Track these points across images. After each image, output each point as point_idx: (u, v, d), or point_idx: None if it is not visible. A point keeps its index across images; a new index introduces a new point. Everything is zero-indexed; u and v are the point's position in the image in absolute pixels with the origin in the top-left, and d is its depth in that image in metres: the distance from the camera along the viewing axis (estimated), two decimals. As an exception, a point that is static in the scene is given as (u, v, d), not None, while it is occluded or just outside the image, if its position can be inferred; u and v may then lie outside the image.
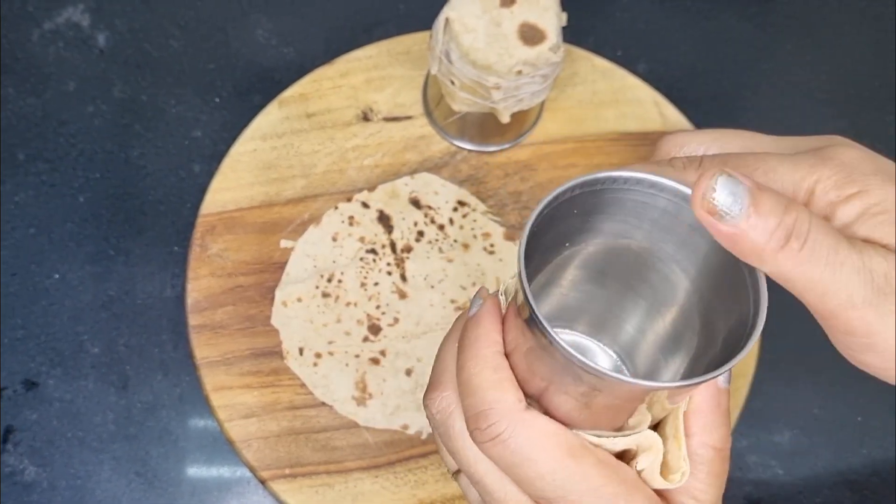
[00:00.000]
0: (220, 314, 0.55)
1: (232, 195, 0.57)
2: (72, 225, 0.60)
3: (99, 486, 0.55)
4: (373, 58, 0.60)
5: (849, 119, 0.66)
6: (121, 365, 0.57)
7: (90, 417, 0.56)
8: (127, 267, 0.59)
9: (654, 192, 0.31)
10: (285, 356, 0.54)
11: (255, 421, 0.53)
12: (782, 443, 0.59)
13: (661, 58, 0.67)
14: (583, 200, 0.31)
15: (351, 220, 0.57)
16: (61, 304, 0.58)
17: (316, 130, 0.59)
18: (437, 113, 0.58)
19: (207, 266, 0.55)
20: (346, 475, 0.52)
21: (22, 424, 0.56)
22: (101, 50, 0.64)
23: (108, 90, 0.63)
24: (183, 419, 0.57)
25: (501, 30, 0.51)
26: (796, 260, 0.28)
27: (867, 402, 0.60)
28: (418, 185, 0.58)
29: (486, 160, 0.59)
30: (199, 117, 0.63)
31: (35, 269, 0.59)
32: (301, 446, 0.52)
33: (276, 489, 0.52)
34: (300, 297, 0.55)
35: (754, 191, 0.27)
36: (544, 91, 0.53)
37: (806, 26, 0.69)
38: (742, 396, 0.55)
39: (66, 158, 0.61)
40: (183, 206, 0.60)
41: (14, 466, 0.55)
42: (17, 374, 0.57)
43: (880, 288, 0.28)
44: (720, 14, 0.69)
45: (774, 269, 0.28)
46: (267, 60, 0.65)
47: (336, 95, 0.59)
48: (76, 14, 0.65)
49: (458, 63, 0.51)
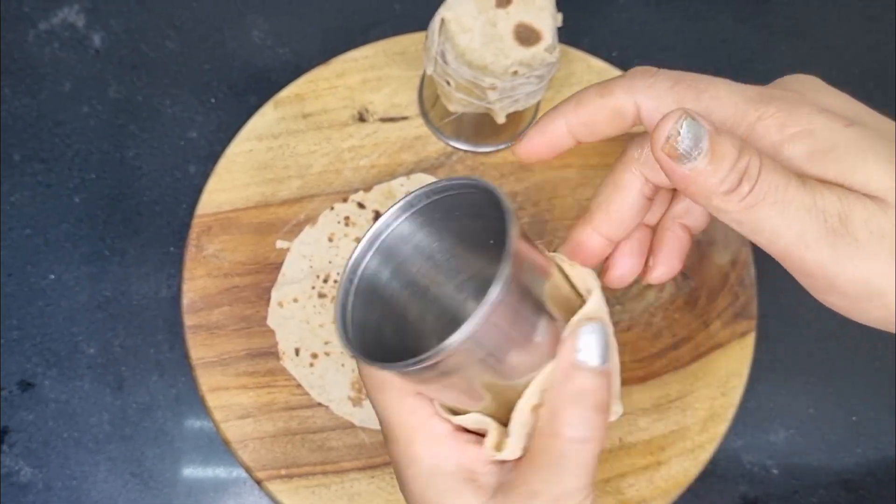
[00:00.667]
0: (215, 315, 0.55)
1: (228, 196, 0.57)
2: (67, 225, 0.60)
3: (95, 486, 0.55)
4: (369, 58, 0.60)
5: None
6: (116, 366, 0.57)
7: (86, 418, 0.56)
8: (122, 267, 0.59)
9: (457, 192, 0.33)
10: (281, 357, 0.54)
11: (251, 421, 0.53)
12: (778, 442, 0.59)
13: (657, 59, 0.66)
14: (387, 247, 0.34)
15: (347, 220, 0.57)
16: (57, 305, 0.58)
17: (312, 131, 0.59)
18: (433, 113, 0.58)
19: (203, 266, 0.55)
20: (342, 476, 0.52)
21: (18, 425, 0.56)
22: (97, 50, 0.64)
23: (103, 91, 0.63)
24: (179, 420, 0.57)
25: (497, 30, 0.51)
26: (746, 202, 0.28)
27: (862, 401, 0.60)
28: (414, 186, 0.58)
29: (482, 161, 0.59)
30: (194, 118, 0.63)
31: (31, 270, 0.59)
32: (297, 447, 0.52)
33: (272, 490, 0.52)
34: (296, 298, 0.55)
35: (713, 134, 0.28)
36: (540, 92, 0.54)
37: (802, 27, 0.70)
38: (737, 396, 0.55)
39: (62, 159, 0.61)
40: (178, 207, 0.60)
41: (10, 467, 0.55)
42: (12, 374, 0.57)
43: (834, 228, 0.28)
44: (716, 15, 0.69)
45: (724, 211, 0.29)
46: (263, 61, 0.65)
47: (332, 96, 0.59)
48: (72, 14, 0.65)
49: (454, 63, 0.51)
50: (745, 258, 0.57)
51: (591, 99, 0.32)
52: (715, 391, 0.55)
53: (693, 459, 0.54)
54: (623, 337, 0.56)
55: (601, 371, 0.31)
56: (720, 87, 0.30)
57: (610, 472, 0.53)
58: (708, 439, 0.54)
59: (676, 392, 0.55)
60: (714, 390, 0.55)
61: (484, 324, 0.28)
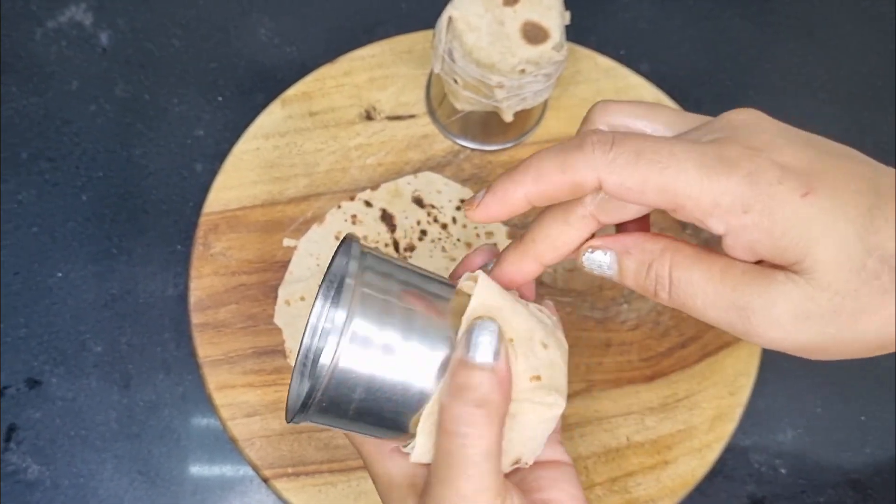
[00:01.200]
0: (222, 313, 0.55)
1: (235, 194, 0.57)
2: (74, 224, 0.60)
3: (101, 484, 0.55)
4: (376, 56, 0.60)
5: (850, 118, 0.66)
6: (123, 364, 0.57)
7: (93, 416, 0.56)
8: (129, 266, 0.59)
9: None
10: (288, 355, 0.54)
11: (257, 419, 0.53)
12: (785, 442, 0.59)
13: (664, 57, 0.67)
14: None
15: (354, 218, 0.57)
16: (64, 303, 0.58)
17: (319, 129, 0.59)
18: (440, 112, 0.58)
19: (210, 265, 0.55)
20: (348, 474, 0.52)
21: (25, 423, 0.56)
22: (104, 49, 0.64)
23: (110, 89, 0.63)
24: (185, 418, 0.57)
25: (504, 28, 0.51)
26: (668, 301, 0.33)
27: (870, 401, 0.60)
28: (421, 184, 0.58)
29: (489, 159, 0.59)
30: (201, 116, 0.63)
31: (38, 268, 0.59)
32: (304, 445, 0.52)
33: (278, 488, 0.52)
34: (303, 296, 0.55)
35: (621, 257, 0.34)
36: (547, 90, 0.53)
37: (807, 26, 0.69)
38: (745, 395, 0.55)
39: (69, 157, 0.61)
40: (185, 205, 0.60)
41: (17, 465, 0.55)
42: (19, 372, 0.57)
43: (748, 319, 0.32)
44: (722, 13, 0.69)
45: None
46: (269, 59, 0.65)
47: (339, 94, 0.59)
48: (79, 13, 0.65)
49: (461, 62, 0.51)
50: (753, 257, 0.57)
51: (551, 173, 0.32)
52: (723, 390, 0.55)
53: (700, 459, 0.54)
54: (630, 336, 0.56)
55: (482, 367, 0.32)
56: (681, 160, 0.30)
57: (617, 471, 0.53)
58: (715, 438, 0.54)
59: (684, 391, 0.55)
60: (722, 389, 0.55)
61: (337, 369, 0.32)
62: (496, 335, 0.33)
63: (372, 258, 0.35)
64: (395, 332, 0.33)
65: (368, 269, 0.34)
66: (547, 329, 0.35)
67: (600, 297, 0.56)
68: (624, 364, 0.55)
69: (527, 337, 0.34)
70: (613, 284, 0.57)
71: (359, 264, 0.33)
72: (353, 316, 0.32)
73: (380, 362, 0.33)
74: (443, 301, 0.35)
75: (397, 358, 0.33)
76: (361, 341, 0.32)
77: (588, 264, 0.34)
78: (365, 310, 0.33)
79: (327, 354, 0.32)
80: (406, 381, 0.33)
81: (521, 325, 0.34)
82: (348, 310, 0.32)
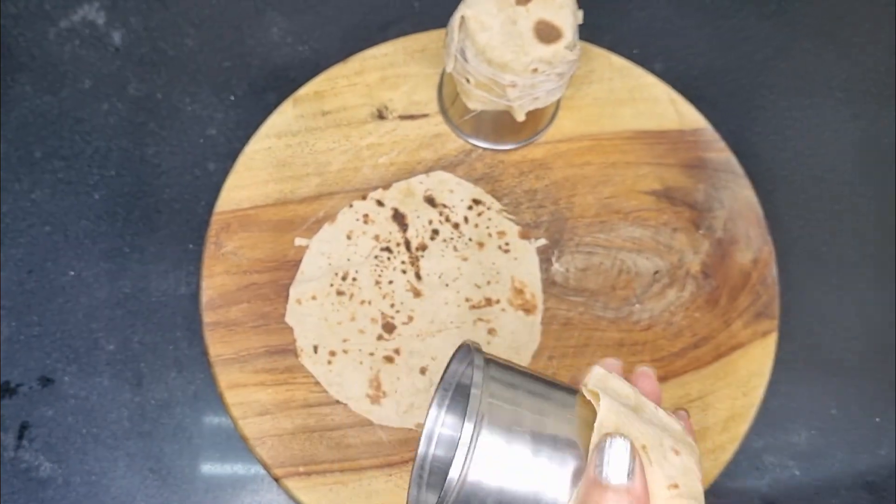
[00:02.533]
0: (234, 312, 0.55)
1: (247, 193, 0.57)
2: (87, 222, 0.60)
3: (113, 482, 0.55)
4: (388, 56, 0.60)
5: (866, 119, 0.65)
6: (135, 362, 0.57)
7: (105, 414, 0.56)
8: (142, 264, 0.59)
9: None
10: (299, 354, 0.54)
11: (269, 418, 0.53)
12: (799, 443, 0.58)
13: (678, 56, 0.66)
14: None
15: (366, 218, 0.57)
16: (76, 302, 0.58)
17: (331, 128, 0.59)
18: (453, 111, 0.58)
19: (222, 264, 0.55)
20: (359, 473, 0.52)
21: (37, 420, 0.56)
22: (117, 48, 0.64)
23: (123, 88, 0.63)
24: (197, 416, 0.57)
25: (517, 28, 0.51)
26: None
27: (884, 403, 0.59)
28: (433, 184, 0.58)
29: (502, 158, 0.59)
30: (213, 115, 0.63)
31: (50, 267, 0.59)
32: (315, 444, 0.52)
33: (289, 486, 0.52)
34: (314, 295, 0.55)
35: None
36: (560, 89, 0.53)
37: (824, 25, 0.69)
38: (758, 396, 0.54)
39: (82, 156, 0.61)
40: (197, 204, 0.60)
41: (30, 462, 0.55)
42: (32, 370, 0.57)
43: None
44: (737, 12, 0.69)
45: None
46: (282, 59, 0.65)
47: (351, 93, 0.59)
48: (92, 12, 0.65)
49: (474, 61, 0.51)
50: (767, 257, 0.56)
51: None
52: (736, 391, 0.54)
53: (714, 460, 0.53)
54: (643, 336, 0.55)
55: (616, 489, 0.32)
56: None
57: (629, 473, 0.53)
58: (729, 439, 0.54)
59: (697, 392, 0.54)
60: (735, 390, 0.54)
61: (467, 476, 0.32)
62: (629, 452, 0.32)
63: (495, 367, 0.35)
64: (523, 445, 0.33)
65: (493, 380, 0.34)
66: (676, 435, 0.35)
67: (613, 296, 0.56)
68: (636, 364, 0.55)
69: (657, 443, 0.34)
70: (626, 284, 0.56)
71: (483, 374, 0.34)
72: (480, 428, 0.32)
73: (509, 474, 0.32)
74: (568, 409, 0.35)
75: (527, 469, 0.33)
76: (490, 454, 0.32)
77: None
78: (492, 421, 0.33)
79: (455, 468, 0.32)
80: (537, 492, 0.33)
81: (651, 431, 0.34)
82: (475, 422, 0.32)
